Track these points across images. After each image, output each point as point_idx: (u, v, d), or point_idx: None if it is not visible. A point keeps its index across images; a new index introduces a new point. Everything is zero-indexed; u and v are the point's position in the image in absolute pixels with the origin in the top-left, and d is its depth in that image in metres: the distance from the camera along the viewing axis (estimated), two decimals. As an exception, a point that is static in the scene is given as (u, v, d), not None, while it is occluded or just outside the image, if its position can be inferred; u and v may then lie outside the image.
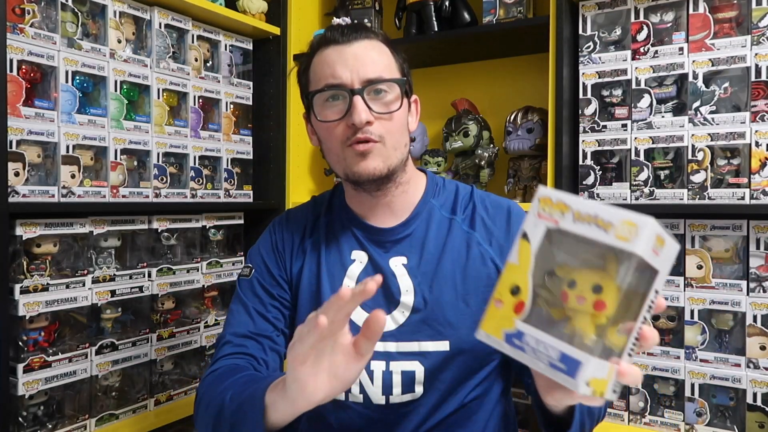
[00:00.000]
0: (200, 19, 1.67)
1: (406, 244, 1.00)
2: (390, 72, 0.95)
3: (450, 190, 1.06)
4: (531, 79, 1.81)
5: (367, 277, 0.91)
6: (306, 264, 1.04)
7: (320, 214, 1.08)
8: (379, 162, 0.93)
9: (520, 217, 1.01)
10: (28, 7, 1.27)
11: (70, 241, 1.37)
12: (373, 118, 0.92)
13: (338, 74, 0.92)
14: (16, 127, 1.23)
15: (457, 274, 0.97)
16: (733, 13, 1.34)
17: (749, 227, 1.34)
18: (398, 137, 0.96)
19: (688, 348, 1.39)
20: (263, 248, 1.09)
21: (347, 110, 0.91)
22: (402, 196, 1.01)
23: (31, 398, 1.29)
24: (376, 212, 1.02)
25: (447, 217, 1.02)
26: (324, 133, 0.97)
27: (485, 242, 1.00)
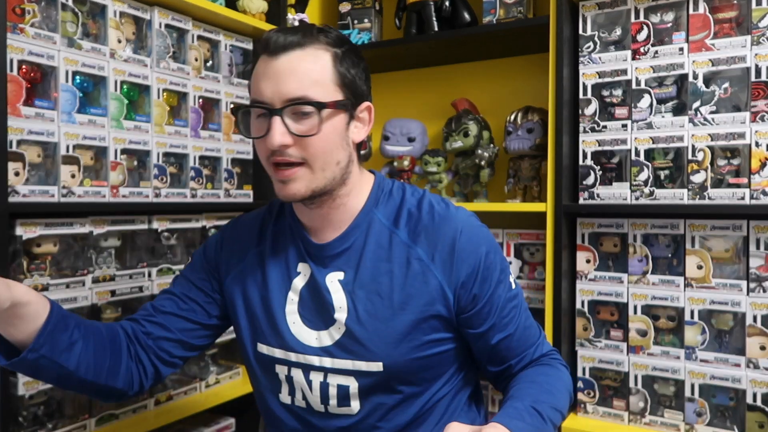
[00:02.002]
0: (200, 19, 1.67)
1: (343, 259, 0.96)
2: (317, 90, 0.88)
3: (396, 198, 1.00)
4: (531, 79, 1.81)
5: (308, 292, 0.98)
6: (247, 275, 1.03)
7: (269, 223, 1.06)
8: (301, 186, 0.89)
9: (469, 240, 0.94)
10: (28, 7, 1.27)
11: (70, 241, 1.37)
12: (290, 140, 0.87)
13: (262, 90, 0.88)
14: (16, 127, 1.23)
15: (395, 292, 0.93)
16: (733, 13, 1.34)
17: (749, 227, 1.34)
18: (326, 157, 0.90)
19: (688, 348, 1.39)
20: (208, 244, 1.11)
21: (267, 129, 0.87)
22: (340, 208, 0.96)
23: (31, 398, 1.29)
24: (315, 223, 0.99)
25: (387, 229, 0.96)
26: (255, 144, 0.94)
27: (427, 257, 0.93)
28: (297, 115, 0.87)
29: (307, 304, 0.97)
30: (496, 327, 0.95)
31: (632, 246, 1.47)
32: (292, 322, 0.97)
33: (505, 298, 0.96)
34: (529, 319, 1.01)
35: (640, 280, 1.45)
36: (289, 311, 0.98)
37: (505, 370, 1.00)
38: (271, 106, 0.87)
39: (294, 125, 0.87)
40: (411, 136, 1.84)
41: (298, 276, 0.99)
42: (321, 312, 0.96)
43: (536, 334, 1.02)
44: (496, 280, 0.95)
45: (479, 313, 0.94)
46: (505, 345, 0.97)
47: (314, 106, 0.87)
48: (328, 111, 0.88)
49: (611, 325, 1.48)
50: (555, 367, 0.99)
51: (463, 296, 0.93)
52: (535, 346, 1.00)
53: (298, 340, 0.97)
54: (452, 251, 0.93)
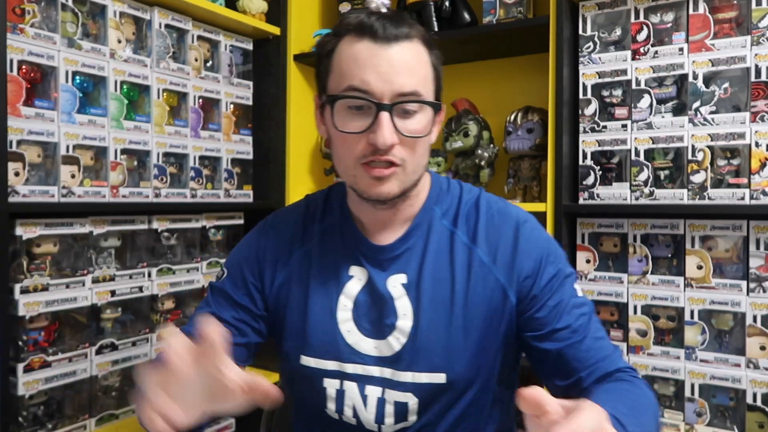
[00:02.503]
0: (200, 19, 1.67)
1: (404, 259, 0.90)
2: (426, 87, 0.84)
3: (454, 195, 0.95)
4: (531, 79, 1.81)
5: (366, 297, 0.89)
6: (294, 279, 0.94)
7: (314, 221, 0.97)
8: (395, 186, 0.84)
9: (532, 232, 0.90)
10: (28, 7, 1.27)
11: (70, 241, 1.37)
12: (397, 139, 0.81)
13: (368, 81, 0.79)
14: (16, 127, 1.23)
15: (458, 298, 0.87)
16: (733, 14, 1.34)
17: (749, 227, 1.34)
18: (420, 160, 0.86)
19: (688, 348, 1.39)
20: (244, 254, 0.98)
21: (370, 125, 0.80)
22: (407, 209, 0.92)
23: (31, 398, 1.29)
24: (378, 224, 0.92)
25: (448, 229, 0.91)
26: (338, 141, 0.85)
27: (489, 259, 0.89)
28: (403, 113, 0.81)
29: (364, 310, 0.89)
30: (560, 330, 0.86)
31: (632, 246, 1.47)
32: (346, 331, 0.89)
33: (571, 301, 0.88)
34: (601, 332, 0.90)
35: (640, 280, 1.45)
36: (342, 319, 0.90)
37: (574, 385, 0.86)
38: (379, 100, 0.79)
39: (402, 124, 0.81)
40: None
41: (351, 280, 0.91)
42: (381, 319, 0.89)
43: (610, 348, 0.89)
44: (560, 279, 0.88)
45: (541, 312, 0.87)
46: (572, 353, 0.86)
47: (430, 105, 0.83)
48: (431, 116, 0.85)
49: (611, 325, 1.48)
50: (636, 385, 0.84)
51: (525, 295, 0.88)
52: (608, 360, 0.86)
53: (356, 350, 0.89)
54: (515, 247, 0.88)
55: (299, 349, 0.92)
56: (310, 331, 0.90)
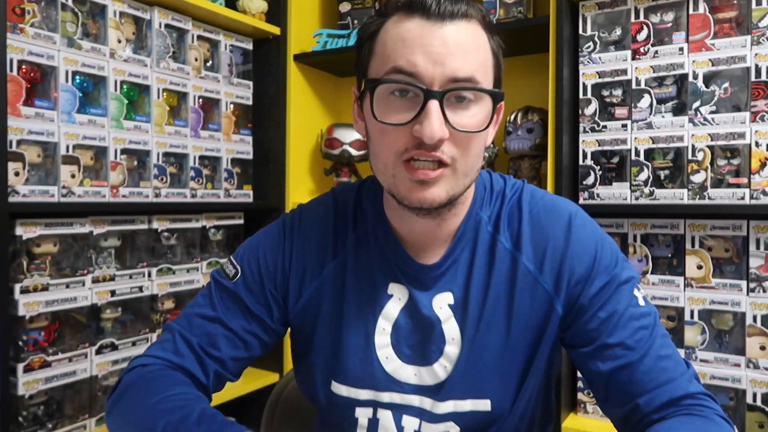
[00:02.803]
0: (200, 19, 1.67)
1: (450, 276, 0.78)
2: (485, 73, 0.70)
3: (498, 194, 0.82)
4: (531, 79, 1.81)
5: (406, 320, 0.78)
6: (326, 294, 0.81)
7: (346, 226, 0.83)
8: (442, 191, 0.70)
9: (585, 228, 0.78)
10: (28, 7, 1.27)
11: (70, 241, 1.37)
12: (448, 134, 0.67)
13: (416, 62, 0.66)
14: (16, 127, 1.23)
15: (503, 315, 0.76)
16: (733, 13, 1.34)
17: (749, 227, 1.34)
18: (473, 162, 0.72)
19: (688, 348, 1.39)
20: (264, 254, 0.84)
21: (416, 115, 0.67)
22: (453, 218, 0.78)
23: (31, 398, 1.29)
24: (421, 237, 0.79)
25: (490, 234, 0.79)
26: (376, 134, 0.72)
27: (536, 267, 0.76)
28: (456, 103, 0.68)
29: (405, 334, 0.78)
30: (612, 347, 0.73)
31: (632, 246, 1.46)
32: (384, 357, 0.78)
33: (627, 312, 0.74)
34: (668, 349, 0.75)
35: (640, 280, 1.45)
36: (380, 344, 0.78)
37: (632, 414, 0.73)
38: (429, 86, 0.66)
39: (454, 116, 0.68)
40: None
41: (391, 300, 0.79)
42: (424, 344, 0.78)
43: (677, 369, 0.74)
44: (614, 286, 0.75)
45: (590, 324, 0.75)
46: (627, 375, 0.73)
47: (489, 95, 0.69)
48: (490, 107, 0.70)
49: (611, 325, 1.48)
50: (713, 421, 0.69)
51: (572, 305, 0.76)
52: (673, 383, 0.72)
53: (395, 378, 0.78)
54: (564, 250, 0.76)
55: (330, 374, 0.80)
56: (344, 357, 0.79)
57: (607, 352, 0.74)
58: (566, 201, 0.81)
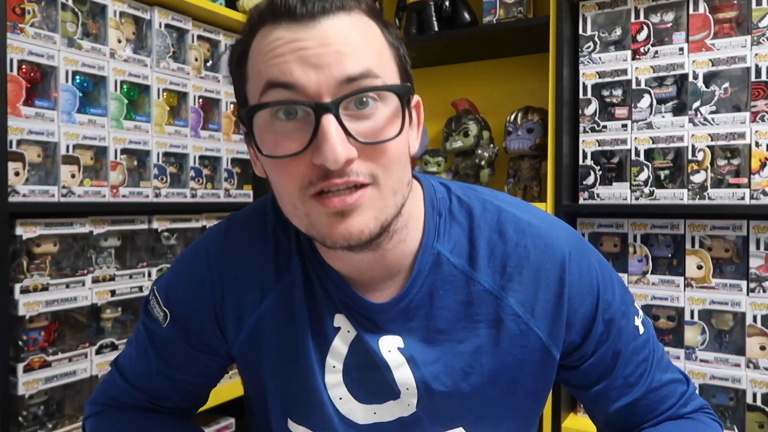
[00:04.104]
0: (200, 19, 1.67)
1: (402, 319, 0.66)
2: (383, 66, 0.57)
3: (461, 222, 0.67)
4: (531, 79, 1.81)
5: (356, 358, 0.67)
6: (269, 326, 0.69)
7: (291, 249, 0.69)
8: (370, 218, 0.57)
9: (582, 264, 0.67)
10: (28, 6, 1.27)
11: (70, 241, 1.37)
12: (355, 152, 0.55)
13: (293, 72, 0.53)
14: (16, 126, 1.23)
15: (484, 365, 0.65)
16: (733, 13, 1.34)
17: (749, 227, 1.34)
18: (400, 174, 0.59)
19: (688, 348, 1.39)
20: (190, 284, 0.71)
21: (311, 138, 0.54)
22: (397, 248, 0.65)
23: (31, 398, 1.29)
24: (363, 274, 0.66)
25: (462, 273, 0.66)
26: (272, 172, 0.59)
27: (526, 311, 0.65)
28: (357, 110, 0.55)
29: (356, 374, 0.67)
30: (617, 388, 0.69)
31: (632, 246, 1.47)
32: (338, 398, 0.68)
33: (630, 347, 0.69)
34: (667, 373, 0.72)
35: (640, 280, 1.45)
36: (331, 383, 0.67)
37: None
38: (316, 98, 0.53)
39: (356, 127, 0.55)
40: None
41: (338, 333, 0.67)
42: (379, 386, 0.67)
43: (678, 391, 0.72)
44: (619, 324, 0.68)
45: (593, 370, 0.69)
46: (630, 411, 0.70)
47: (394, 92, 0.56)
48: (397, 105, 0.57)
49: (611, 325, 1.48)
50: (699, 420, 0.71)
51: (572, 350, 0.68)
52: (674, 409, 0.71)
53: (351, 420, 0.68)
54: (560, 294, 0.65)
55: (286, 413, 0.71)
56: (295, 395, 0.69)
57: (612, 394, 0.69)
58: (557, 226, 0.69)
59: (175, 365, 0.72)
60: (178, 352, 0.72)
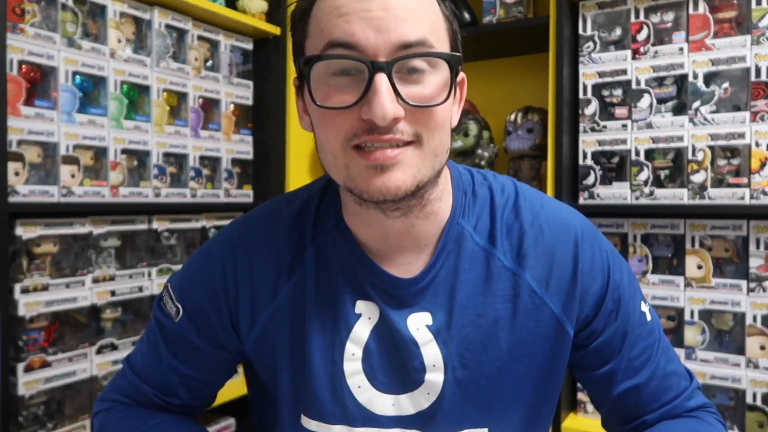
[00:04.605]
0: (200, 19, 1.67)
1: (429, 294, 0.68)
2: (437, 37, 0.60)
3: (483, 200, 0.71)
4: (531, 79, 1.81)
5: (379, 343, 0.67)
6: (283, 320, 0.70)
7: (305, 242, 0.71)
8: (408, 176, 0.59)
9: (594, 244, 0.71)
10: (28, 7, 1.27)
11: (70, 241, 1.37)
12: (402, 111, 0.57)
13: (354, 31, 0.56)
14: (16, 126, 1.23)
15: (502, 339, 0.67)
16: (733, 13, 1.34)
17: (749, 227, 1.34)
18: (442, 138, 0.61)
19: (688, 348, 1.39)
20: (204, 286, 0.72)
21: (363, 94, 0.57)
22: (429, 218, 0.67)
23: (31, 398, 1.29)
24: (390, 243, 0.68)
25: (483, 249, 0.69)
26: (318, 123, 0.61)
27: (540, 286, 0.68)
28: (408, 74, 0.58)
29: (378, 360, 0.68)
30: (621, 371, 0.71)
31: (632, 246, 1.47)
32: (356, 386, 0.68)
33: (636, 332, 0.71)
34: (672, 363, 0.74)
35: (640, 280, 1.45)
36: (350, 371, 0.68)
37: (636, 428, 0.74)
38: (373, 57, 0.56)
39: (405, 89, 0.57)
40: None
41: (359, 320, 0.68)
42: (401, 370, 0.68)
43: (682, 384, 0.73)
44: (627, 305, 0.71)
45: (601, 350, 0.71)
46: (634, 397, 0.71)
47: (445, 60, 0.59)
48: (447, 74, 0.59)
49: (611, 325, 1.48)
50: (705, 421, 0.72)
51: (583, 327, 0.70)
52: (678, 401, 0.72)
53: (369, 410, 0.68)
54: (574, 270, 0.68)
55: (298, 409, 0.71)
56: (311, 388, 0.69)
57: (617, 377, 0.71)
58: (569, 210, 0.73)
59: (186, 361, 0.73)
60: (188, 348, 0.73)
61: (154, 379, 0.75)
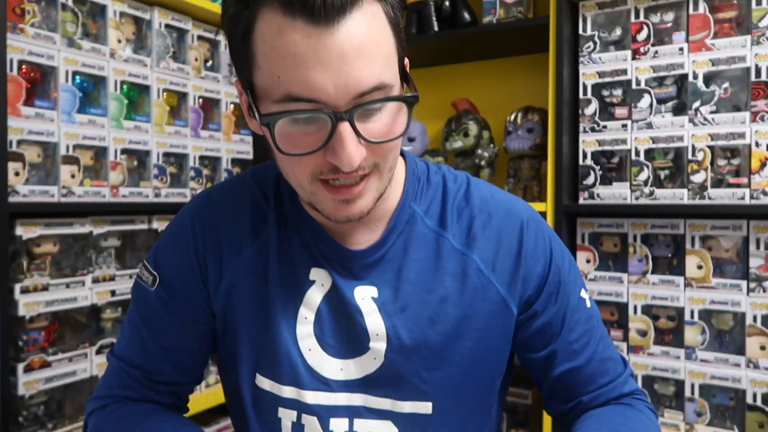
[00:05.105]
0: (200, 19, 1.67)
1: (378, 271, 0.72)
2: (390, 69, 0.60)
3: (436, 187, 0.76)
4: (531, 79, 1.81)
5: (329, 309, 0.72)
6: (246, 280, 0.74)
7: (268, 206, 0.75)
8: (369, 200, 0.65)
9: (538, 231, 0.76)
10: (28, 7, 1.27)
11: (70, 241, 1.37)
12: (365, 152, 0.60)
13: (315, 85, 0.56)
14: (16, 127, 1.23)
15: (449, 314, 0.71)
16: (733, 13, 1.34)
17: (749, 227, 1.34)
18: (394, 155, 0.66)
19: (688, 348, 1.39)
20: (174, 248, 0.76)
21: (326, 141, 0.59)
22: (380, 204, 0.70)
23: (31, 398, 1.29)
24: (343, 226, 0.72)
25: (433, 231, 0.73)
26: (283, 160, 0.64)
27: (488, 266, 0.72)
28: (363, 114, 0.60)
29: (328, 324, 0.72)
30: (561, 353, 0.74)
31: (632, 246, 1.47)
32: (307, 349, 0.72)
33: (576, 315, 0.75)
34: (609, 350, 0.78)
35: (640, 280, 1.45)
36: (302, 334, 0.72)
37: (573, 408, 0.77)
38: (334, 108, 0.57)
39: (365, 128, 0.60)
40: (411, 135, 1.84)
41: (313, 286, 0.73)
42: (349, 336, 0.72)
43: (617, 370, 0.78)
44: (567, 289, 0.75)
45: (541, 332, 0.74)
46: (573, 379, 0.75)
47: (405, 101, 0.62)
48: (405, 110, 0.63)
49: (611, 325, 1.48)
50: (638, 409, 0.76)
51: (525, 309, 0.74)
52: (613, 384, 0.76)
53: (317, 372, 0.72)
54: (519, 253, 0.73)
55: (255, 367, 0.74)
56: (267, 347, 0.73)
57: (556, 359, 0.75)
58: (517, 199, 0.78)
59: (166, 332, 0.76)
60: (167, 318, 0.75)
61: (140, 359, 0.77)
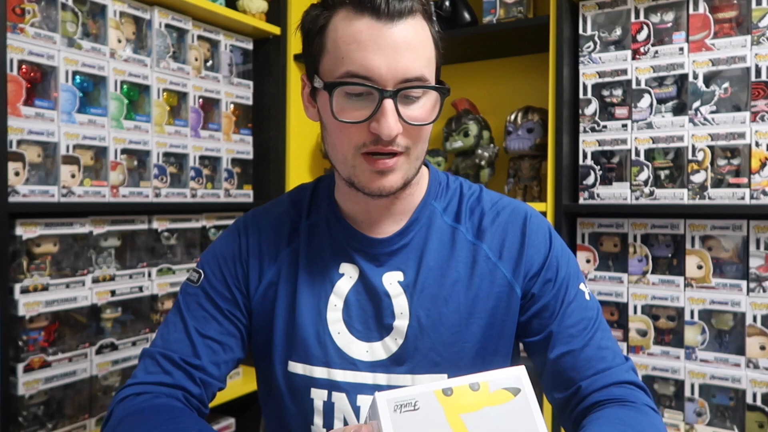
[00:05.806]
0: (200, 19, 1.67)
1: (402, 257, 0.85)
2: (431, 68, 0.77)
3: (454, 191, 0.90)
4: (531, 79, 1.81)
5: (357, 297, 0.83)
6: (282, 278, 0.87)
7: (300, 218, 0.90)
8: (399, 178, 0.78)
9: (539, 226, 0.87)
10: (29, 6, 1.27)
11: (70, 241, 1.37)
12: (402, 129, 0.74)
13: (372, 66, 0.71)
14: (16, 126, 1.23)
15: (462, 296, 0.83)
16: (733, 13, 1.34)
17: (749, 227, 1.34)
18: (423, 145, 0.80)
19: (688, 348, 1.39)
20: (222, 253, 0.90)
21: (372, 114, 0.73)
22: (406, 199, 0.85)
23: (31, 398, 1.29)
24: (372, 216, 0.85)
25: (450, 225, 0.86)
26: (333, 129, 0.78)
27: (494, 255, 0.84)
28: (407, 99, 0.75)
29: (356, 310, 0.84)
30: (557, 335, 0.81)
31: (632, 246, 1.47)
32: (336, 332, 0.83)
33: (574, 302, 0.83)
34: (608, 342, 0.83)
35: (640, 280, 1.45)
36: (331, 319, 0.83)
37: (572, 397, 0.80)
38: (383, 86, 0.72)
39: (406, 111, 0.74)
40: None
41: (342, 278, 0.85)
42: (374, 319, 0.83)
43: (615, 359, 0.81)
44: (565, 278, 0.84)
45: (539, 314, 0.83)
46: (570, 362, 0.80)
47: (438, 92, 0.77)
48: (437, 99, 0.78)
49: (611, 325, 1.48)
50: (645, 413, 0.76)
51: (527, 293, 0.84)
52: (611, 370, 0.80)
53: (346, 353, 0.82)
54: (522, 240, 0.84)
55: (287, 354, 0.85)
56: (299, 334, 0.84)
57: (553, 340, 0.81)
58: (522, 203, 0.90)
59: (207, 322, 0.86)
60: (207, 308, 0.86)
61: (179, 344, 0.85)
